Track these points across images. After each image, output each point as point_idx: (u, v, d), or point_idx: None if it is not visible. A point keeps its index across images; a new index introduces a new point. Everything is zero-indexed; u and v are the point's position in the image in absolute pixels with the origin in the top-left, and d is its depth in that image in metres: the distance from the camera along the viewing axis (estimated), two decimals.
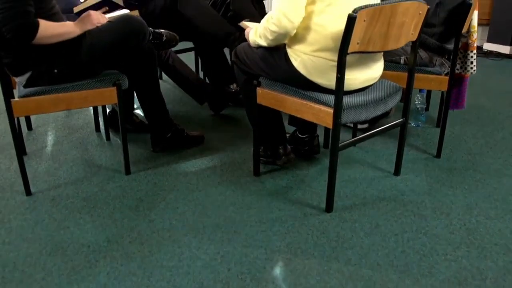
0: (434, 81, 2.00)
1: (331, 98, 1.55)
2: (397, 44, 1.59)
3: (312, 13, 1.52)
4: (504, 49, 4.23)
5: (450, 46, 2.01)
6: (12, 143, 1.83)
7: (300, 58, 1.57)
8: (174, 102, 2.77)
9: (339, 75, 1.46)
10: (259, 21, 3.01)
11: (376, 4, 1.42)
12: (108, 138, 2.27)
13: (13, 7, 1.52)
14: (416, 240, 1.49)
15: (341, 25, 1.44)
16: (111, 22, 1.73)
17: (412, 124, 2.45)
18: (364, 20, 1.41)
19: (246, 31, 1.81)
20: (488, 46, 4.36)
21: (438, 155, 2.09)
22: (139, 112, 2.54)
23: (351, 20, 1.38)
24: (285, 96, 1.67)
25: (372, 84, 1.70)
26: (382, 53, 1.69)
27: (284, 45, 1.63)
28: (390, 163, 1.99)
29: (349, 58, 1.47)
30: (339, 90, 1.47)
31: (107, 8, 2.21)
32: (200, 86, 2.47)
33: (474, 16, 2.07)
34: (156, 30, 2.11)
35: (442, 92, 2.30)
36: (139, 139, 2.23)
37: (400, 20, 1.52)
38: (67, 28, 1.68)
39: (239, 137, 2.29)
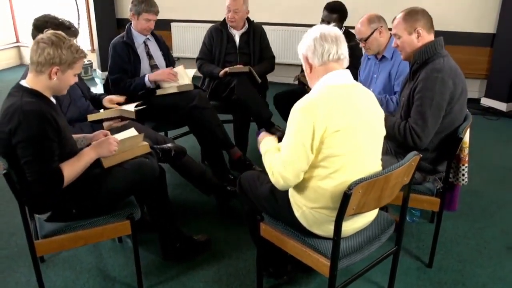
0: (426, 202, 2.13)
1: (328, 246, 1.68)
2: (390, 198, 1.72)
3: (316, 177, 1.61)
4: (500, 105, 4.34)
5: (442, 168, 2.14)
6: None
7: (302, 210, 1.69)
8: (181, 187, 2.90)
9: (335, 238, 1.59)
10: (260, 105, 3.12)
11: (372, 176, 1.54)
12: (120, 240, 2.41)
13: (41, 166, 1.65)
14: None
15: (343, 189, 1.52)
16: (124, 168, 1.87)
17: (408, 219, 2.58)
18: (360, 192, 1.54)
19: (260, 137, 1.88)
20: (485, 101, 4.47)
21: (430, 264, 2.23)
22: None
23: (346, 197, 1.51)
24: (286, 238, 1.80)
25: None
26: None
27: (287, 191, 1.75)
28: (385, 275, 2.11)
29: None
30: (335, 254, 1.60)
31: (120, 120, 2.35)
32: (206, 181, 2.60)
33: (466, 134, 2.19)
34: (165, 147, 2.25)
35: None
36: (150, 241, 2.35)
37: (393, 183, 1.65)
38: (85, 160, 1.82)
39: (244, 238, 2.41)
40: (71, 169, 1.74)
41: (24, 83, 1.76)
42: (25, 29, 6.43)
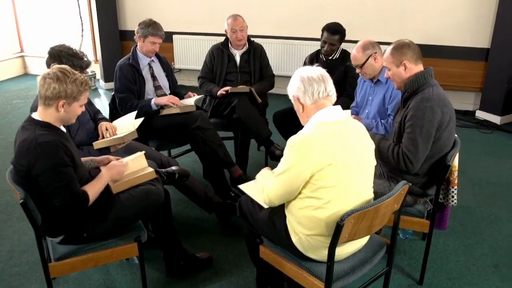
0: (417, 224, 2.25)
1: (323, 270, 1.79)
2: (381, 225, 1.84)
3: (310, 207, 1.73)
4: (495, 118, 4.46)
5: (432, 191, 2.25)
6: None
7: (299, 236, 1.81)
8: (183, 204, 3.01)
9: (329, 263, 1.71)
10: (260, 125, 3.22)
11: (363, 207, 1.66)
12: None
13: (66, 191, 1.78)
14: None
15: (336, 219, 1.64)
16: (132, 195, 1.99)
17: (401, 236, 2.70)
18: (351, 222, 1.66)
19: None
20: (480, 114, 4.59)
21: (420, 281, 2.35)
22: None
23: (339, 227, 1.63)
24: (284, 261, 1.92)
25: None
26: None
27: (285, 216, 1.87)
28: None
29: None
30: (329, 278, 1.72)
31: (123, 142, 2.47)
32: (208, 199, 2.72)
33: (456, 158, 2.31)
34: (169, 170, 2.37)
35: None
36: (155, 258, 2.46)
37: (383, 212, 1.76)
38: (103, 181, 1.97)
39: (243, 255, 2.52)
40: (93, 191, 1.89)
41: (35, 116, 1.88)
42: (29, 40, 6.55)
